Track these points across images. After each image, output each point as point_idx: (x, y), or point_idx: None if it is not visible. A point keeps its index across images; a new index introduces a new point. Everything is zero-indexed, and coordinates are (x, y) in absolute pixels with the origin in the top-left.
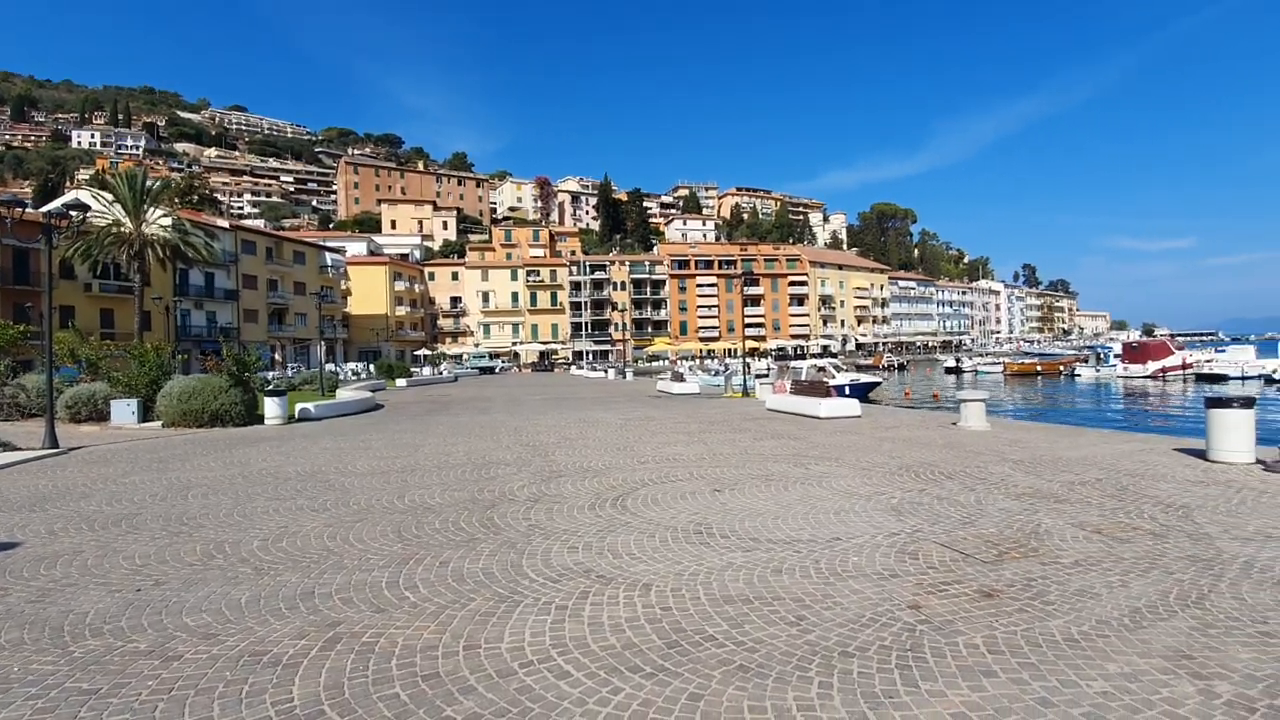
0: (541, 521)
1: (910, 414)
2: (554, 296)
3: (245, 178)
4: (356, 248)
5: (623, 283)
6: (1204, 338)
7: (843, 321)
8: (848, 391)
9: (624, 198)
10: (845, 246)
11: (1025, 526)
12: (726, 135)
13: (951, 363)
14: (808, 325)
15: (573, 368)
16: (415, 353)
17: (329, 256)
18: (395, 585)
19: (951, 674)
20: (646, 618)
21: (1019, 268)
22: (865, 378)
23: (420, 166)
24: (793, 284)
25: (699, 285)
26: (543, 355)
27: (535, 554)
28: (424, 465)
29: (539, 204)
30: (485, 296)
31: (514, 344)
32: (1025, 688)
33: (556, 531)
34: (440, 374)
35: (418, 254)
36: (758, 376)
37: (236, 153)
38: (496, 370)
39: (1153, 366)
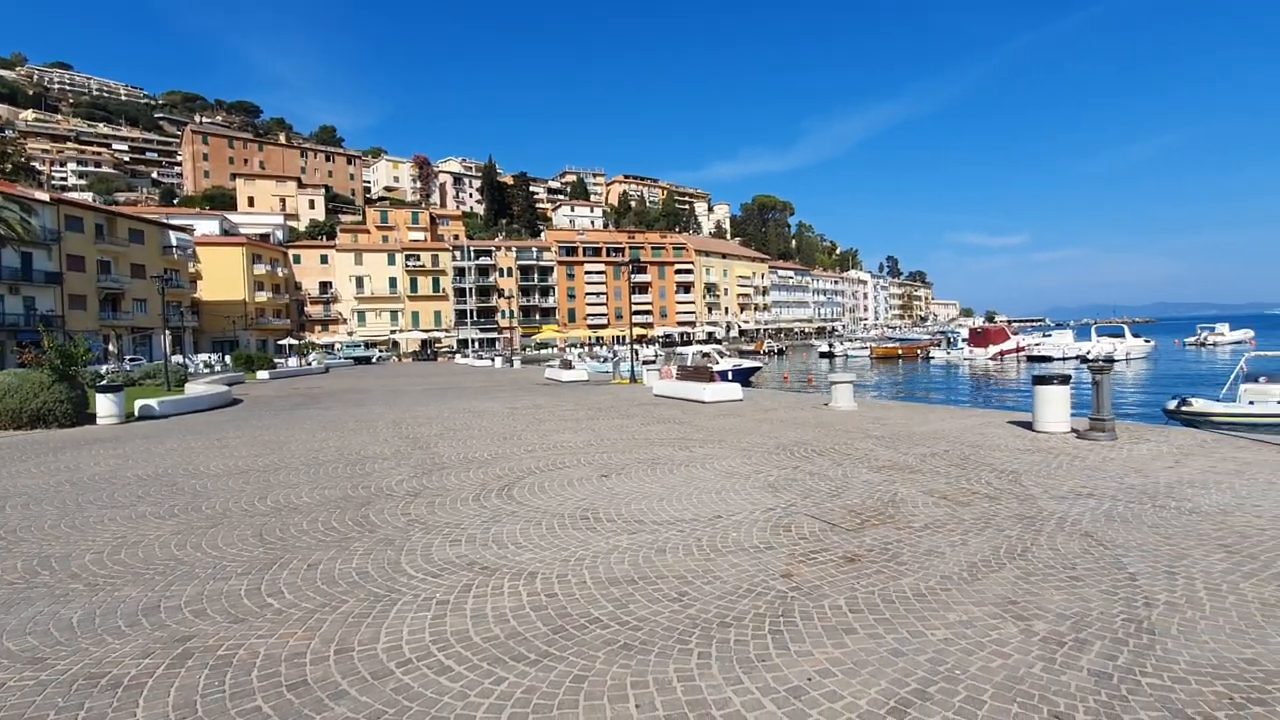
0: (422, 516)
1: (787, 396)
2: (436, 282)
3: (70, 145)
4: (208, 226)
5: (509, 269)
6: (1034, 323)
7: (726, 309)
8: (730, 376)
9: (510, 181)
10: (729, 236)
11: (884, 496)
12: (615, 122)
13: (825, 348)
14: (694, 312)
15: (458, 356)
16: (280, 342)
17: (174, 236)
18: (256, 592)
19: (818, 634)
20: (532, 605)
21: (884, 259)
22: (747, 363)
23: (282, 139)
24: (679, 272)
25: (587, 272)
26: (425, 344)
27: (415, 550)
28: (290, 463)
29: (418, 185)
30: (360, 282)
31: (393, 332)
32: (880, 641)
33: (438, 525)
34: (309, 365)
35: (280, 235)
36: (645, 363)
37: (59, 116)
38: (374, 360)
39: (993, 349)
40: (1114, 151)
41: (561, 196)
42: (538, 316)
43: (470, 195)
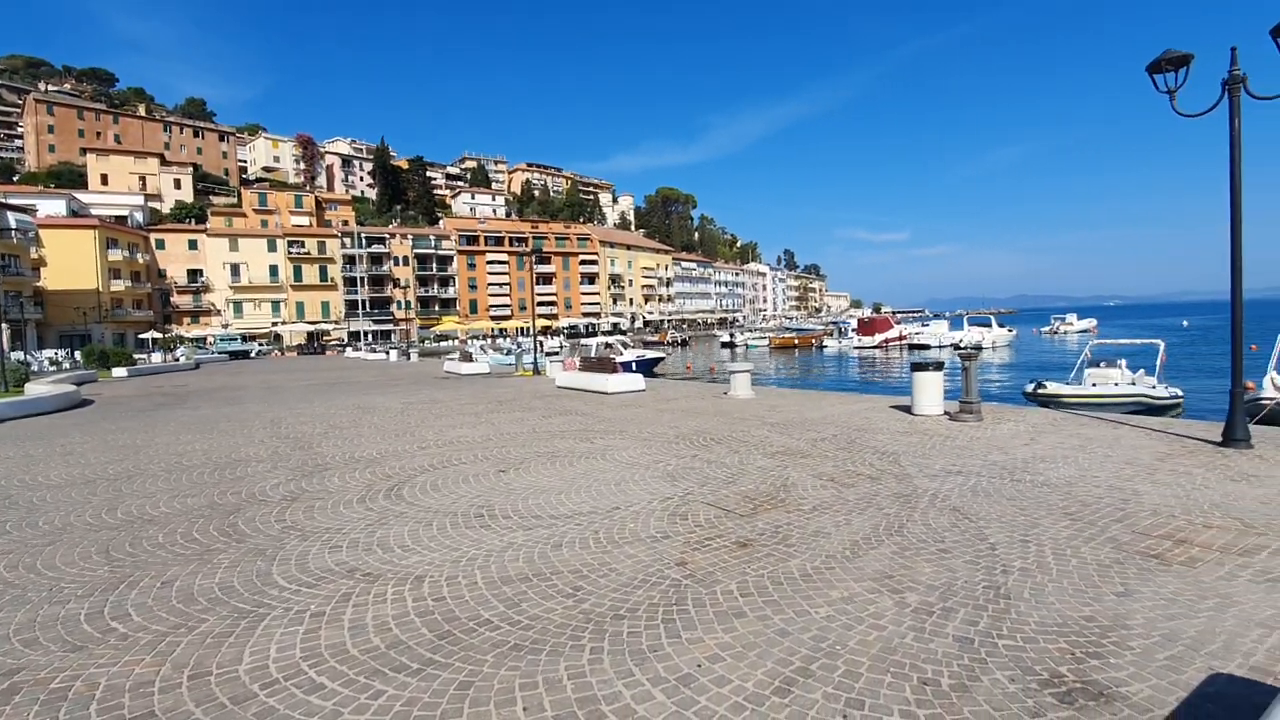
0: (299, 522)
1: (689, 386)
2: (324, 271)
3: None
4: (53, 207)
5: (405, 258)
6: (914, 314)
7: (631, 300)
8: (634, 367)
9: (405, 166)
10: (633, 228)
11: (777, 481)
12: (517, 110)
13: (727, 338)
14: (599, 303)
15: (348, 349)
16: (141, 336)
17: (12, 217)
18: (99, 616)
19: (709, 620)
20: (417, 611)
21: (781, 252)
22: (651, 354)
23: (142, 111)
24: (584, 263)
25: (489, 262)
26: (311, 336)
27: (289, 559)
28: (147, 470)
29: (301, 166)
30: (235, 269)
31: (275, 324)
32: (768, 622)
33: (317, 531)
34: (176, 360)
35: (141, 217)
36: (549, 354)
37: None
38: (253, 354)
39: (879, 338)
40: (984, 155)
41: (461, 183)
42: (437, 308)
43: (361, 179)
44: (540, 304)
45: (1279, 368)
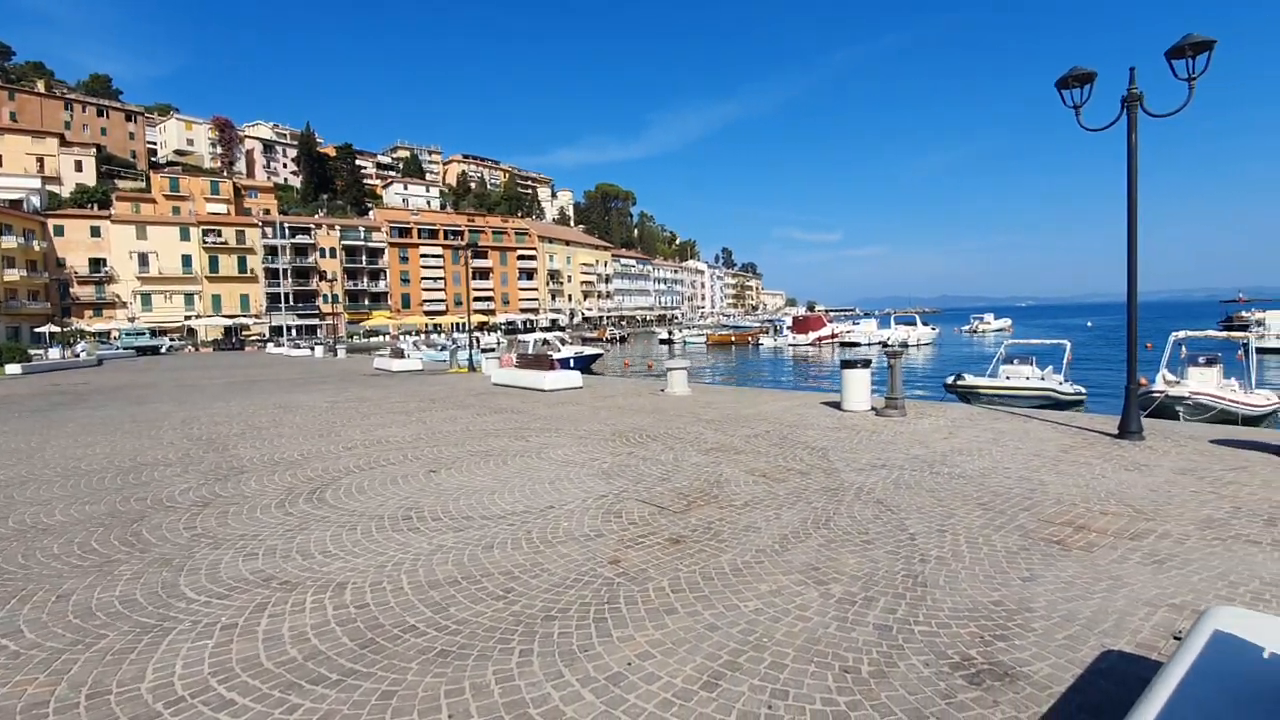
0: (211, 529)
1: (626, 383)
2: (243, 262)
3: None
4: None
5: (333, 249)
6: (846, 312)
7: (570, 296)
8: (572, 364)
9: (332, 153)
10: (572, 223)
11: (711, 477)
12: (453, 99)
13: (665, 335)
14: (537, 299)
15: (270, 345)
16: (38, 330)
17: None
18: None
19: (641, 618)
20: (338, 620)
21: (719, 251)
22: (589, 350)
23: (41, 88)
24: (522, 258)
25: (423, 255)
26: (229, 331)
27: (199, 568)
28: (41, 475)
29: (218, 150)
30: (144, 259)
31: (189, 318)
32: (698, 617)
33: (230, 538)
34: (76, 356)
35: (37, 201)
36: (485, 351)
37: None
38: (163, 350)
39: (812, 336)
40: (912, 161)
41: (393, 173)
42: (367, 302)
43: (284, 166)
44: (477, 299)
45: (1170, 365)
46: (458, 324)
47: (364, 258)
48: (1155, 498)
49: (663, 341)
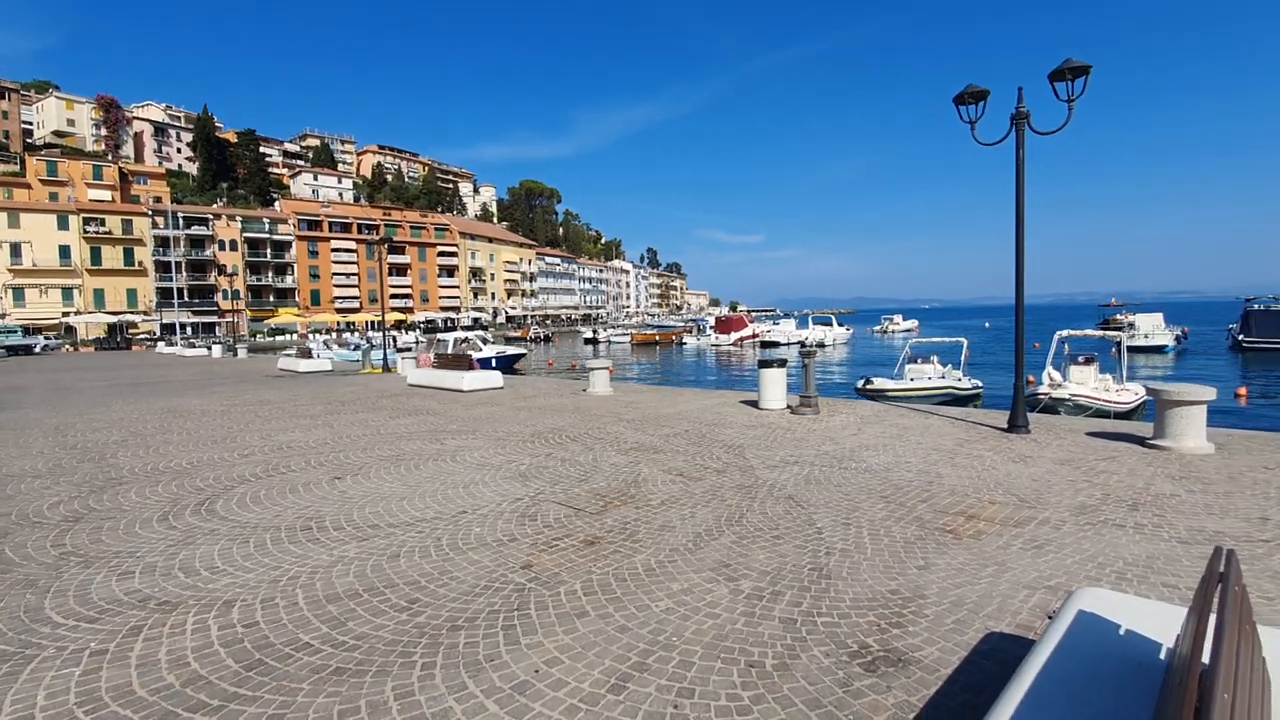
0: (82, 546)
1: (549, 383)
2: (129, 254)
3: None
4: None
5: (233, 242)
6: (767, 313)
7: (493, 294)
8: (494, 364)
9: (233, 139)
10: (495, 220)
11: (629, 477)
12: (368, 89)
13: (590, 334)
14: (458, 297)
15: (161, 345)
16: None
17: None
18: None
19: (551, 623)
20: (223, 641)
21: (644, 250)
22: (512, 350)
23: None
24: (442, 254)
25: (334, 250)
26: (114, 329)
27: (66, 590)
28: None
29: (103, 132)
30: (15, 249)
31: (67, 314)
32: (610, 620)
33: (104, 556)
34: None
35: None
36: (401, 350)
37: None
38: (37, 350)
39: (735, 336)
40: (829, 166)
41: (301, 163)
42: (272, 298)
43: (178, 151)
44: (394, 297)
45: (1055, 361)
46: (372, 322)
47: (269, 251)
48: (1037, 487)
49: (588, 341)
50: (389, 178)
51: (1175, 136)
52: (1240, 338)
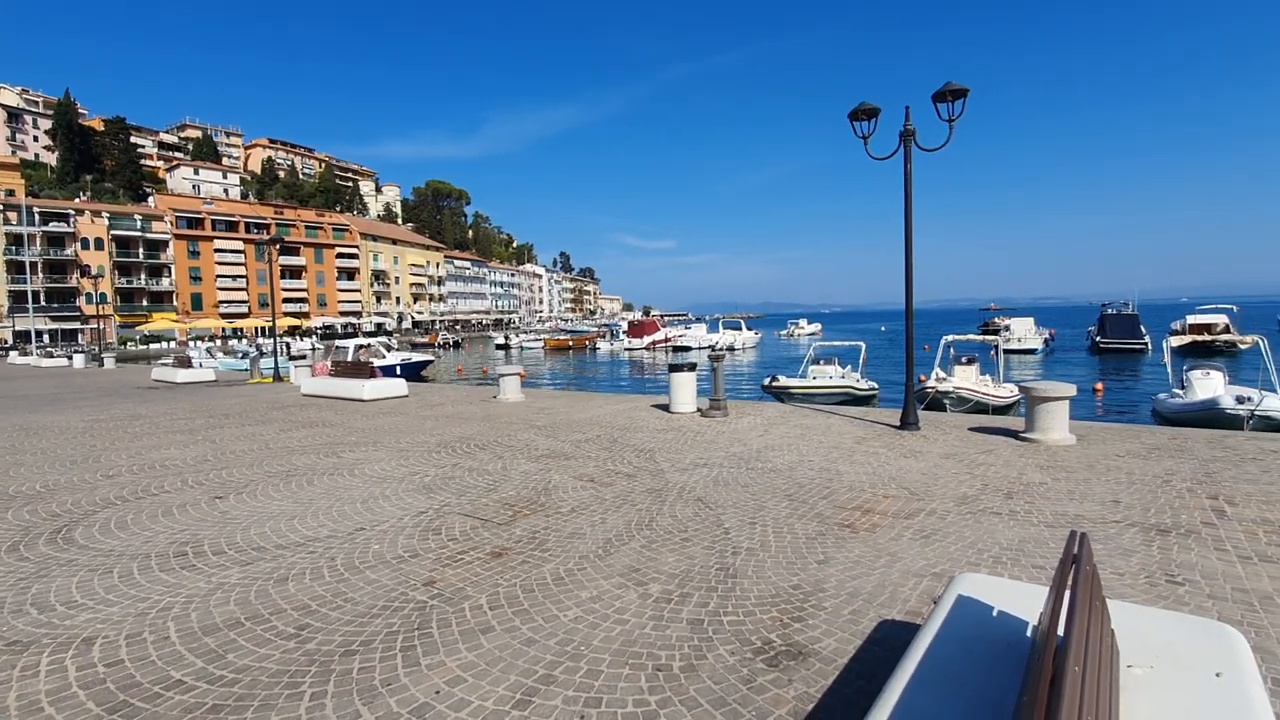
0: None
1: (457, 390)
2: None
3: None
4: None
5: (99, 240)
6: (680, 317)
7: (398, 299)
8: (398, 371)
9: (99, 127)
10: (400, 221)
11: (539, 485)
12: (257, 78)
13: (501, 339)
14: (360, 301)
15: (14, 354)
16: None
17: None
18: None
19: (453, 641)
20: (82, 682)
21: (557, 255)
22: (418, 356)
23: None
24: (341, 256)
25: (218, 250)
26: None
27: None
28: None
29: None
30: None
31: None
32: (516, 633)
33: None
34: None
35: None
36: (295, 358)
37: None
38: None
39: (647, 340)
40: (740, 174)
41: (180, 155)
42: (145, 302)
43: (34, 139)
44: (287, 301)
45: (942, 363)
46: (263, 328)
47: (142, 251)
48: (926, 480)
49: (499, 346)
50: (281, 174)
51: (1048, 150)
52: (1097, 339)
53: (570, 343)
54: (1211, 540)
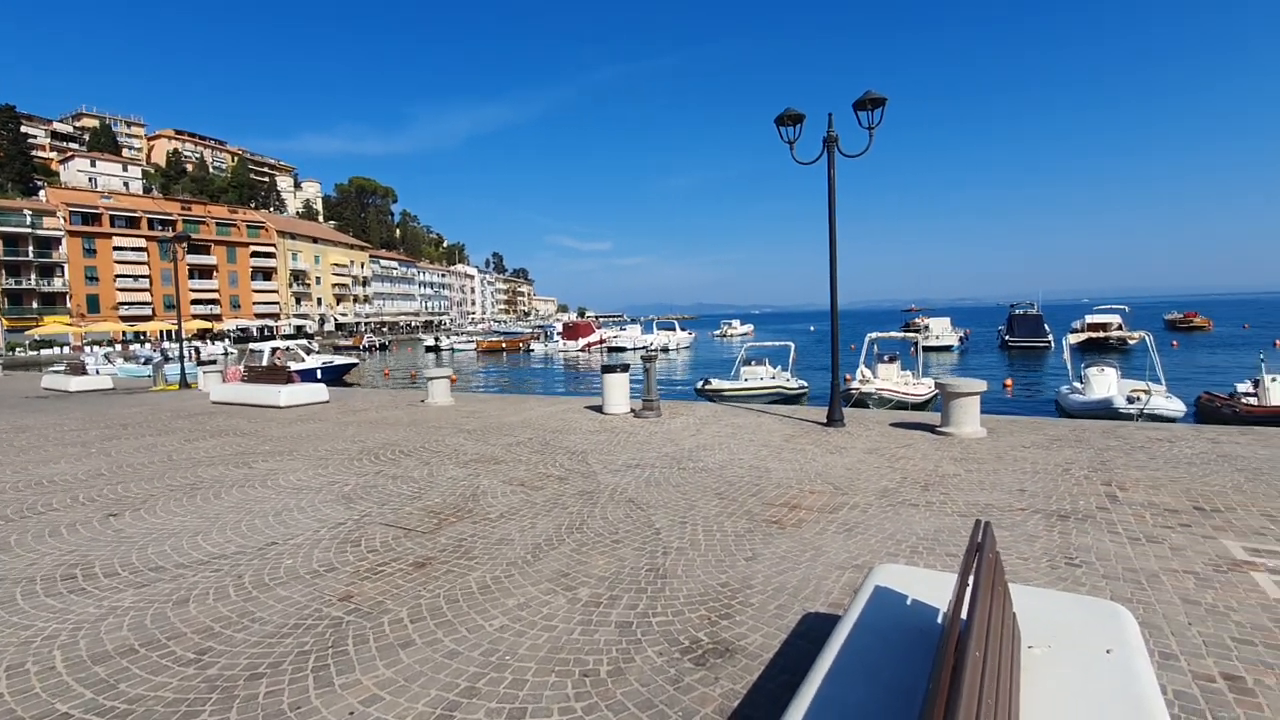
0: None
1: (383, 394)
2: None
3: None
4: None
5: None
6: (615, 318)
7: (320, 300)
8: (319, 375)
9: None
10: (321, 219)
11: (467, 491)
12: (161, 63)
13: (432, 341)
14: (278, 303)
15: None
16: None
17: None
18: None
19: (370, 658)
20: None
21: (490, 255)
22: (341, 359)
23: None
24: (257, 255)
25: (119, 249)
26: None
27: None
28: None
29: None
30: None
31: None
32: (438, 646)
33: None
34: None
35: None
36: (205, 363)
37: None
38: None
39: (582, 341)
40: (674, 177)
41: (75, 145)
42: (35, 304)
43: None
44: (197, 302)
45: (867, 361)
46: (169, 332)
47: (32, 249)
48: (849, 475)
49: (429, 349)
50: (189, 167)
51: (965, 159)
52: (1006, 338)
53: (504, 344)
54: (1105, 524)
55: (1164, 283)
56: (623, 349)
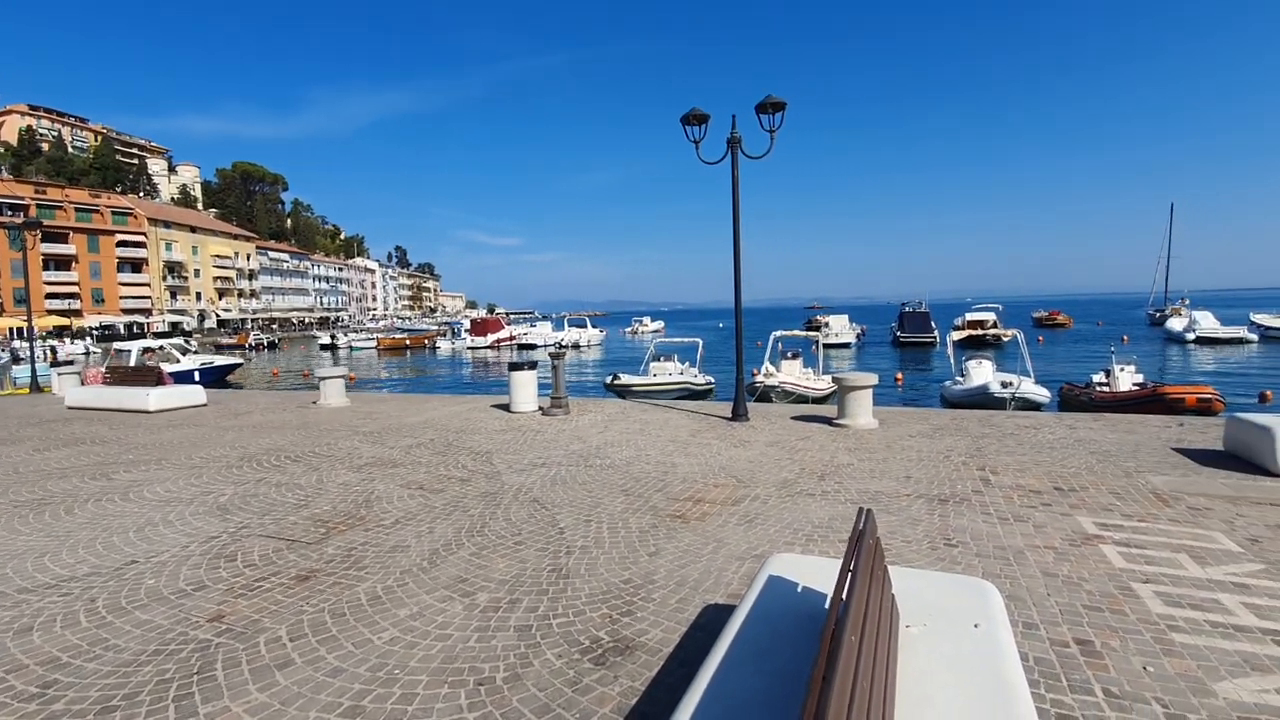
0: None
1: (270, 396)
2: None
3: None
4: None
5: None
6: (525, 315)
7: (199, 294)
8: (197, 376)
9: None
10: (201, 206)
11: (359, 497)
12: (9, 27)
13: (328, 339)
14: (149, 297)
15: None
16: None
17: None
18: None
19: (242, 682)
20: None
21: (393, 249)
22: (222, 359)
23: None
24: (124, 244)
25: None
26: None
27: None
28: None
29: None
30: None
31: None
32: (320, 664)
33: None
34: None
35: None
36: (61, 364)
37: None
38: None
39: (491, 338)
40: (585, 174)
41: None
42: None
43: None
44: (52, 296)
45: (772, 358)
46: (18, 329)
47: None
48: (752, 467)
49: (324, 347)
50: (45, 146)
51: (860, 162)
52: (898, 334)
53: (407, 342)
54: (979, 506)
55: (1036, 283)
56: (533, 346)
